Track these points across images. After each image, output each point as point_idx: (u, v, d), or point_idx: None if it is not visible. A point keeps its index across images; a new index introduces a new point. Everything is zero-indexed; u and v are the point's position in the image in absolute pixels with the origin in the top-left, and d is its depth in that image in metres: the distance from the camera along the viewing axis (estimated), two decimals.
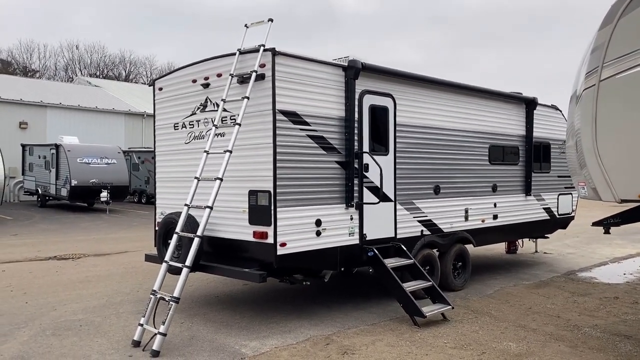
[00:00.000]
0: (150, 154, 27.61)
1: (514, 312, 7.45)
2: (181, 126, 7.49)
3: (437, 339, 6.18)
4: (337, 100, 6.94)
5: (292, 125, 6.39)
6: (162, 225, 7.07)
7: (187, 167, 7.36)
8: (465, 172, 8.96)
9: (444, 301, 7.09)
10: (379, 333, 6.37)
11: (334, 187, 6.87)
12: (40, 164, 24.97)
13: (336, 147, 6.89)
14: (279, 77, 6.26)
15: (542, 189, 10.72)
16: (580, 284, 9.50)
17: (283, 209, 6.27)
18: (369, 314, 7.22)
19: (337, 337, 6.18)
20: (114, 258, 11.92)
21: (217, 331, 6.37)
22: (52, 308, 7.41)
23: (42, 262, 11.33)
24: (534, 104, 10.26)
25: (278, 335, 6.22)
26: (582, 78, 5.54)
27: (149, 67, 65.75)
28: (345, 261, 7.07)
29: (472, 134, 9.07)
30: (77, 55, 59.57)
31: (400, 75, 7.75)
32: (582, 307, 7.77)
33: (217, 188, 6.06)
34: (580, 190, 5.81)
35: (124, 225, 19.01)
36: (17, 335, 6.15)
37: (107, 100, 34.16)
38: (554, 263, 11.65)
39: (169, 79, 7.71)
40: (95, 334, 6.22)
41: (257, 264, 6.46)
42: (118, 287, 8.84)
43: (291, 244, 6.36)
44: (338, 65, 6.98)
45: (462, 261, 8.93)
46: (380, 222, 7.45)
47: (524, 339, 6.20)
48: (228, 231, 6.73)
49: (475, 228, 9.13)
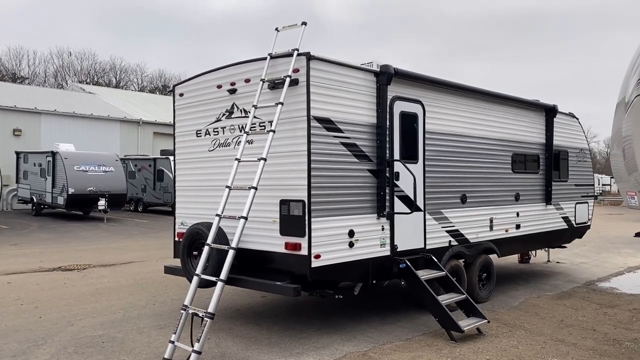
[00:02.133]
0: (147, 161, 27.24)
1: (547, 325, 7.23)
2: (204, 133, 7.22)
3: (478, 355, 5.94)
4: (368, 106, 6.72)
5: (326, 132, 6.15)
6: (187, 236, 6.77)
7: (210, 176, 7.08)
8: (490, 181, 8.77)
9: (479, 315, 6.86)
10: (416, 349, 6.12)
11: (366, 197, 6.63)
12: (35, 172, 24.47)
13: (368, 155, 6.66)
14: (314, 82, 6.03)
15: (561, 198, 10.56)
16: (603, 294, 9.32)
17: (317, 219, 6.02)
18: (400, 328, 6.96)
19: (374, 354, 5.92)
20: (120, 269, 11.57)
21: (248, 347, 6.08)
22: (69, 323, 7.07)
23: (47, 273, 10.95)
24: (554, 111, 10.12)
25: (313, 352, 5.95)
26: (632, 85, 5.37)
27: (140, 74, 65.35)
28: (377, 273, 6.82)
29: (497, 141, 8.90)
30: (67, 61, 59.04)
31: (430, 81, 7.55)
32: (614, 320, 7.57)
33: (252, 197, 5.78)
34: (629, 200, 5.63)
35: (124, 234, 18.61)
36: (37, 354, 5.82)
37: (102, 107, 33.72)
38: (570, 273, 11.48)
39: (191, 85, 7.45)
40: (120, 352, 5.90)
41: (288, 277, 6.20)
42: (132, 300, 8.51)
43: (325, 255, 6.10)
44: (370, 70, 6.76)
45: (487, 272, 8.72)
46: (410, 232, 7.22)
47: (568, 355, 5.98)
48: (256, 242, 6.46)
49: (499, 238, 8.93)
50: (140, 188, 27.33)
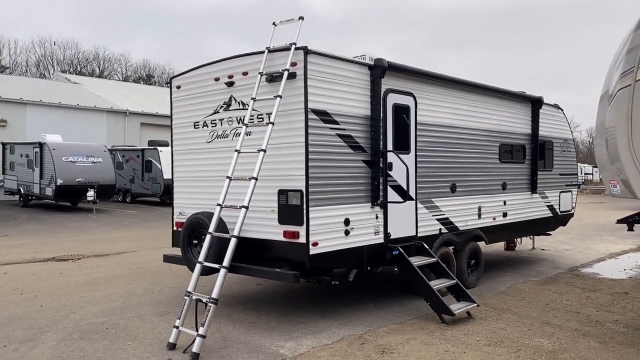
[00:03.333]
0: (135, 152, 27.20)
1: (533, 308, 7.56)
2: (202, 125, 7.38)
3: (468, 336, 6.23)
4: (363, 99, 6.93)
5: (322, 124, 6.36)
6: (187, 225, 6.95)
7: (209, 167, 7.26)
8: (479, 171, 9.05)
9: (469, 299, 7.15)
10: (409, 332, 6.39)
11: (360, 186, 6.86)
12: (22, 163, 24.34)
13: (362, 146, 6.89)
14: (311, 75, 6.22)
15: (546, 187, 10.90)
16: (586, 279, 9.68)
17: (315, 208, 6.24)
18: (394, 312, 7.23)
19: (370, 337, 6.18)
20: (114, 259, 11.70)
21: (249, 332, 6.31)
22: (70, 311, 7.23)
23: (42, 263, 11.05)
24: (539, 103, 10.42)
25: (311, 336, 6.19)
26: (615, 78, 5.64)
27: (124, 63, 64.73)
28: (371, 260, 7.07)
29: (485, 132, 9.17)
30: (49, 51, 58.29)
31: (421, 73, 7.78)
32: (596, 303, 7.92)
33: (252, 187, 5.98)
34: (611, 189, 5.92)
35: (115, 225, 18.68)
36: (44, 340, 5.99)
37: (88, 98, 33.48)
38: (554, 259, 11.85)
39: (188, 77, 7.59)
40: (125, 337, 6.09)
41: (286, 264, 6.42)
42: (129, 288, 8.68)
43: (322, 243, 6.33)
44: (364, 64, 6.97)
45: (475, 259, 9.02)
46: (403, 220, 7.48)
47: (553, 335, 6.30)
48: (255, 231, 6.66)
49: (487, 226, 9.24)
50: (129, 179, 27.30)
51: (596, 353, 5.70)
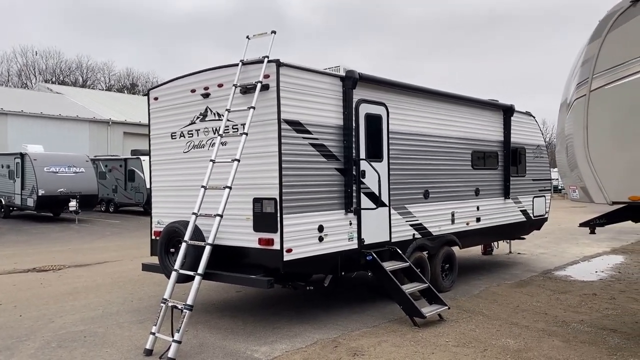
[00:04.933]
0: (117, 162, 27.17)
1: (503, 310, 7.80)
2: (179, 135, 7.54)
3: (438, 338, 6.44)
4: (335, 109, 7.15)
5: (295, 134, 6.56)
6: (165, 234, 7.09)
7: (186, 176, 7.41)
8: (451, 177, 9.31)
9: (440, 302, 7.37)
10: (382, 334, 6.58)
11: (334, 194, 7.06)
12: (3, 174, 24.20)
13: (335, 155, 7.09)
14: (283, 87, 6.42)
15: (519, 192, 11.19)
16: (558, 282, 9.96)
17: (289, 215, 6.42)
18: (368, 316, 7.42)
19: (343, 340, 6.36)
20: (96, 269, 11.76)
21: (225, 338, 6.45)
22: (50, 320, 7.32)
23: (22, 274, 11.07)
24: (511, 110, 10.73)
25: (286, 340, 6.36)
26: (572, 88, 5.92)
27: (107, 72, 64.55)
28: (345, 266, 7.26)
29: (457, 140, 9.44)
30: (32, 60, 57.93)
31: (393, 84, 8.03)
32: (565, 304, 8.18)
33: (226, 196, 6.15)
34: (571, 193, 6.18)
35: (97, 235, 18.67)
36: (22, 349, 6.08)
37: (70, 108, 33.40)
38: (529, 263, 12.14)
39: (166, 89, 7.75)
40: (102, 345, 6.20)
41: (261, 270, 6.59)
42: (109, 297, 8.77)
43: (296, 249, 6.51)
44: (336, 75, 7.19)
45: (450, 263, 9.26)
46: (376, 226, 7.69)
47: (520, 336, 6.53)
48: (231, 238, 6.82)
49: (460, 231, 9.48)
50: (112, 188, 27.24)
51: (559, 352, 5.94)
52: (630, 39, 5.41)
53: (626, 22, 5.45)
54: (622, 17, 5.47)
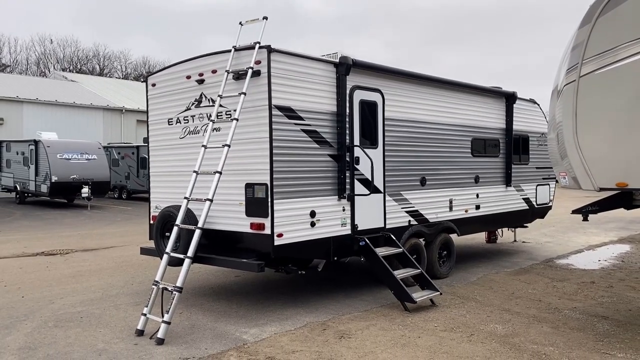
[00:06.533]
0: (130, 149, 27.49)
1: (498, 297, 7.81)
2: (175, 121, 7.64)
3: (427, 322, 6.49)
4: (329, 95, 7.18)
5: (287, 120, 6.61)
6: (160, 218, 7.23)
7: (182, 162, 7.52)
8: (450, 164, 9.30)
9: (432, 287, 7.41)
10: (372, 319, 6.66)
11: (327, 180, 7.12)
12: (18, 160, 24.66)
13: (329, 141, 7.14)
14: (275, 73, 6.47)
15: (522, 180, 11.13)
16: (558, 270, 9.93)
17: (279, 200, 6.50)
18: (361, 301, 7.50)
19: (332, 323, 6.45)
20: (102, 253, 11.99)
21: (217, 320, 6.58)
22: (50, 301, 7.52)
23: (30, 257, 11.34)
24: (513, 97, 10.64)
25: (276, 323, 6.46)
26: (562, 74, 5.88)
27: (124, 61, 65.04)
28: (338, 251, 7.33)
29: (456, 127, 9.41)
30: (49, 49, 58.59)
31: (388, 71, 8.02)
32: (561, 292, 8.17)
33: (216, 181, 6.25)
34: (561, 180, 6.16)
35: (107, 221, 18.98)
36: (19, 328, 6.27)
37: (85, 95, 33.78)
38: (532, 251, 12.09)
39: (163, 75, 7.85)
40: (97, 325, 6.37)
41: (254, 255, 6.68)
42: (111, 280, 8.96)
43: (287, 234, 6.59)
44: (330, 61, 7.21)
45: (447, 250, 9.28)
46: (370, 213, 7.73)
47: (509, 322, 6.55)
48: (224, 223, 6.93)
49: (459, 218, 9.48)
50: (124, 176, 27.61)
51: (546, 337, 5.96)
52: (620, 23, 5.36)
53: (616, 6, 5.39)
54: (612, 1, 5.41)
